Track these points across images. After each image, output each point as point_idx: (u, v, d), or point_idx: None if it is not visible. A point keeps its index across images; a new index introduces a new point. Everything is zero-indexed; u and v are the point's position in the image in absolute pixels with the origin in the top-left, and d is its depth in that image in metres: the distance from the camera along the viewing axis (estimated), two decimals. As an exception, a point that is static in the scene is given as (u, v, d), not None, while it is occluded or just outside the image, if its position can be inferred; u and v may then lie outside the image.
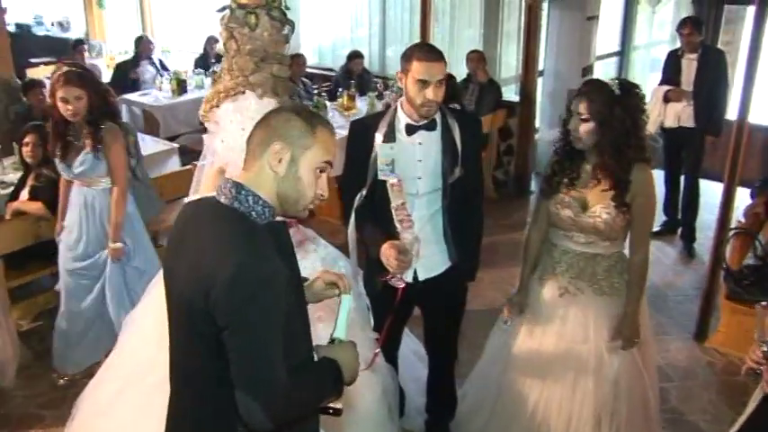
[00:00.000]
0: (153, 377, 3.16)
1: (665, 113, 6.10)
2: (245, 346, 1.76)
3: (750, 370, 2.37)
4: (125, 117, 7.27)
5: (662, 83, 6.23)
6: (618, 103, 2.86)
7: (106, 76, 8.77)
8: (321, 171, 1.94)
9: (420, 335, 3.77)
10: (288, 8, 4.19)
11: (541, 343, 3.21)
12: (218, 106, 3.29)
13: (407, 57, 2.97)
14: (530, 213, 3.36)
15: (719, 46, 7.77)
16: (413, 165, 3.06)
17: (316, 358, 2.00)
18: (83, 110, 3.90)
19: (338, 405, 2.00)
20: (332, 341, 2.03)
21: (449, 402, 3.70)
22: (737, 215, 4.98)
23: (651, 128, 6.22)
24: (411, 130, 3.05)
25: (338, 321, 2.06)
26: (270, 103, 3.27)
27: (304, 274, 2.14)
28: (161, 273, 3.50)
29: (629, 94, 2.91)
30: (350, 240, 3.24)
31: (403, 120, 3.07)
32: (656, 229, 6.34)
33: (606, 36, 9.23)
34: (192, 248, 1.86)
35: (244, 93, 3.32)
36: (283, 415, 1.83)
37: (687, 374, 4.54)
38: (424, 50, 2.99)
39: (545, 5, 7.41)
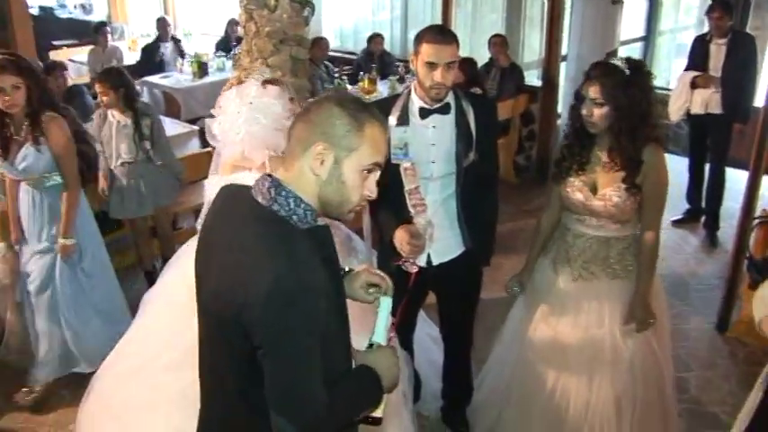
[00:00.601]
0: (167, 357, 3.17)
1: (691, 100, 5.99)
2: (280, 366, 1.63)
3: None
4: (146, 99, 7.27)
5: (688, 68, 6.11)
6: (631, 84, 2.83)
7: (128, 59, 8.86)
8: (369, 172, 1.76)
9: (436, 319, 3.76)
10: (308, -10, 4.19)
11: (557, 330, 3.19)
12: None
13: (418, 39, 2.94)
14: (551, 199, 3.32)
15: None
16: (426, 149, 3.03)
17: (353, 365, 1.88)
18: (21, 100, 3.59)
19: (378, 414, 1.87)
20: (370, 345, 1.91)
21: (465, 389, 3.69)
22: (763, 204, 4.89)
23: (675, 116, 6.14)
24: (425, 113, 3.02)
25: (378, 325, 1.92)
26: (272, 90, 3.24)
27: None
28: (179, 256, 3.53)
29: (639, 73, 2.88)
30: (364, 223, 3.23)
31: (417, 103, 3.04)
32: (678, 216, 6.31)
33: (631, 21, 9.12)
34: (224, 249, 1.73)
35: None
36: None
37: (707, 364, 4.48)
38: (434, 32, 2.95)
39: (569, -11, 7.34)
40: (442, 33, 2.94)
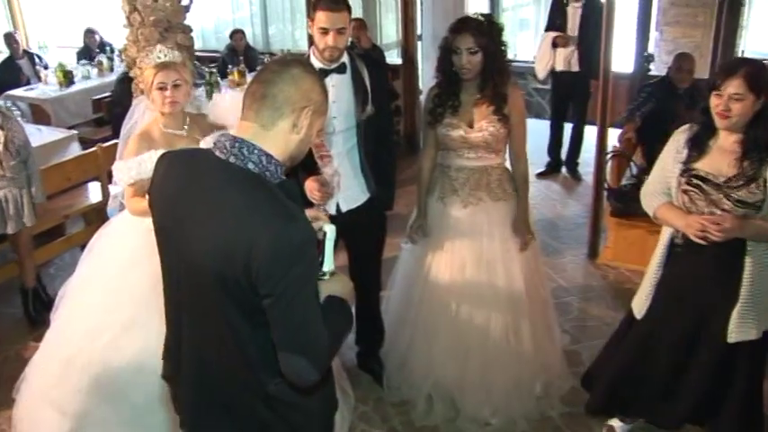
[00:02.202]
0: (105, 337, 3.32)
1: (554, 59, 6.63)
2: (290, 311, 1.77)
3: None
4: (17, 112, 7.04)
5: (548, 29, 6.77)
6: (491, 31, 3.32)
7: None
8: None
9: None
10: (185, -21, 4.37)
11: (455, 255, 3.57)
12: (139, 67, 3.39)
13: (313, 6, 3.22)
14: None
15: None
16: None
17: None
18: None
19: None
20: (323, 274, 2.01)
21: (377, 332, 3.98)
22: (613, 143, 5.53)
23: (542, 74, 6.79)
24: (323, 74, 3.28)
25: (326, 253, 2.04)
26: None
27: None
28: (91, 248, 3.62)
29: (494, 23, 3.39)
30: None
31: (316, 65, 3.29)
32: (540, 170, 6.92)
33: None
34: (208, 215, 1.81)
35: None
36: (327, 364, 1.94)
37: (585, 288, 5.05)
38: (330, 1, 3.20)
39: (419, -29, 7.76)
40: (334, 1, 3.19)
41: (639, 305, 3.11)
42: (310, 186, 3.20)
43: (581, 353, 4.24)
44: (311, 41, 3.40)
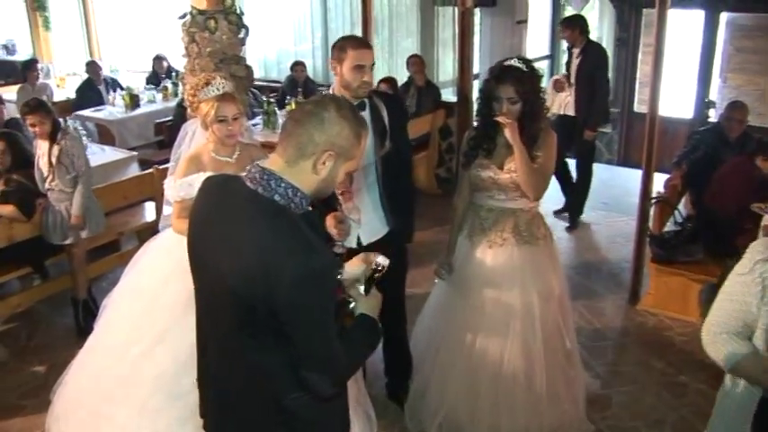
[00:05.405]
0: (138, 347, 3.43)
1: (552, 101, 6.67)
2: (309, 334, 1.90)
3: None
4: (83, 132, 7.36)
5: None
6: (530, 78, 3.35)
7: (57, 95, 9.11)
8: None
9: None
10: (243, 13, 4.58)
11: (475, 294, 3.58)
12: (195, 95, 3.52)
13: (341, 48, 3.34)
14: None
15: (642, 47, 8.42)
16: None
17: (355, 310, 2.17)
18: None
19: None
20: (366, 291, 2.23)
21: (404, 363, 4.04)
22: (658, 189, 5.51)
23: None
24: None
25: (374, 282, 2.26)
26: None
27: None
28: (136, 260, 3.78)
29: (533, 69, 3.41)
30: None
31: None
32: (557, 207, 6.90)
33: (538, 40, 9.82)
34: (236, 242, 1.91)
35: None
36: (346, 379, 2.13)
37: (622, 333, 5.01)
38: (357, 41, 3.42)
39: (477, 11, 7.89)
40: (363, 41, 3.44)
41: None
42: (329, 222, 3.28)
43: (611, 397, 4.22)
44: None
